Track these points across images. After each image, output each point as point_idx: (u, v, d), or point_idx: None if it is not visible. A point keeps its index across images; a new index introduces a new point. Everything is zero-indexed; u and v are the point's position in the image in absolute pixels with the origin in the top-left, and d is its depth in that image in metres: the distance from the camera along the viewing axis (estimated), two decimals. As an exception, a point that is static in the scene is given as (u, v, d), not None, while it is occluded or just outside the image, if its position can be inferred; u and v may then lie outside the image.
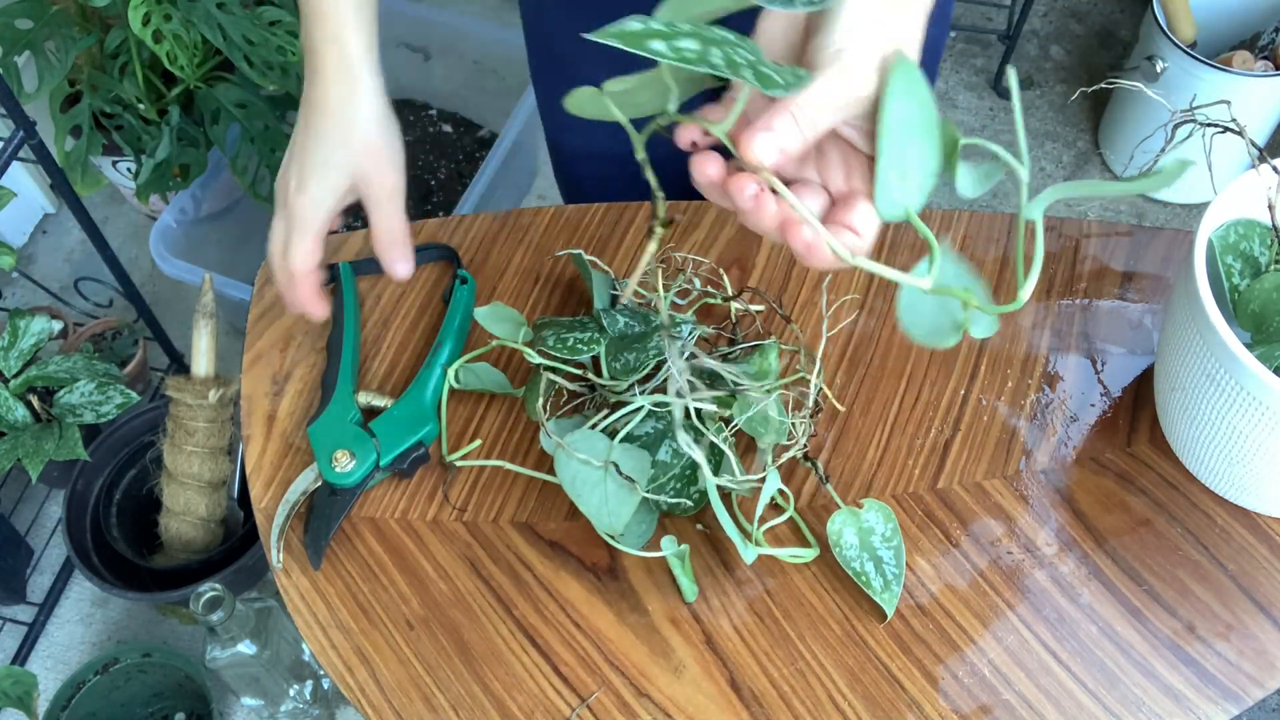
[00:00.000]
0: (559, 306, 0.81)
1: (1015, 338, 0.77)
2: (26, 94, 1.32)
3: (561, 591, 0.68)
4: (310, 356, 0.79)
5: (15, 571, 1.38)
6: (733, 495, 0.70)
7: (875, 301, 0.79)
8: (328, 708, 1.31)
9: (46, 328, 1.30)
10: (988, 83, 1.96)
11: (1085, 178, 1.85)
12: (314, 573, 0.69)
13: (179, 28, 1.29)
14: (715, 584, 0.68)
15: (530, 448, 0.74)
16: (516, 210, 0.85)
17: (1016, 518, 0.70)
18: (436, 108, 1.85)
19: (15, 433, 1.25)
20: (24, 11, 1.31)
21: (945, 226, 0.82)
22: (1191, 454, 0.70)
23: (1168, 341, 0.67)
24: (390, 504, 0.72)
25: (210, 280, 1.21)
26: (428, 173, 1.78)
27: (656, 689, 0.65)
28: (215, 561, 1.27)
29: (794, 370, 0.76)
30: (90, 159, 1.46)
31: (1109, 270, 0.80)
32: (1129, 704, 0.63)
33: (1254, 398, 0.60)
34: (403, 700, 0.65)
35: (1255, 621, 0.66)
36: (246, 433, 0.76)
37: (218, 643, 1.08)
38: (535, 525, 0.71)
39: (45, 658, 1.44)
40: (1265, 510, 0.69)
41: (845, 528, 0.66)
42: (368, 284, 0.82)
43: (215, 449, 1.26)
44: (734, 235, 0.83)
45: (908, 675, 0.64)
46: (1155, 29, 1.63)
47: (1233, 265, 0.66)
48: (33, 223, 1.81)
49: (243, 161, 1.46)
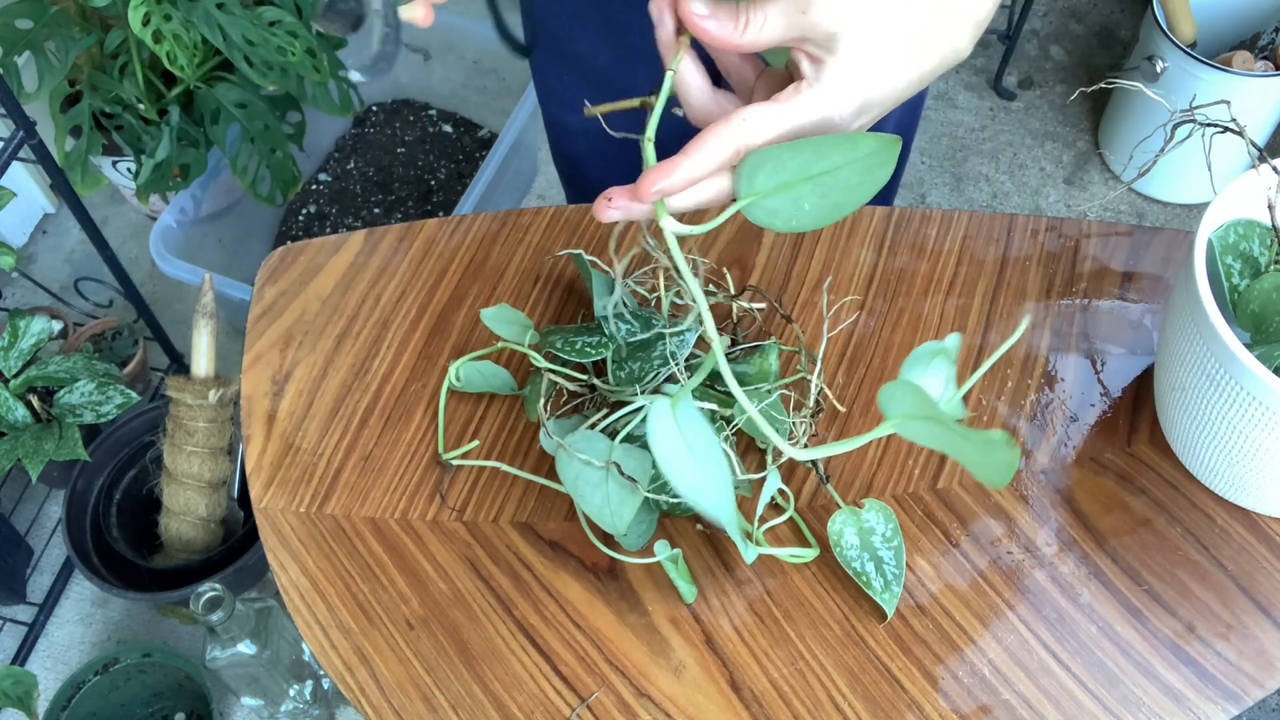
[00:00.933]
0: (559, 307, 0.81)
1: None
2: (26, 94, 1.32)
3: (561, 591, 0.68)
4: (310, 356, 0.79)
5: (15, 571, 1.38)
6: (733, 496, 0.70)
7: (875, 301, 0.80)
8: (328, 708, 1.31)
9: (46, 328, 1.30)
10: (988, 83, 1.96)
11: (1085, 178, 1.85)
12: (314, 572, 0.70)
13: (179, 28, 1.29)
14: (715, 584, 0.68)
15: (530, 448, 0.74)
16: (516, 210, 0.85)
17: (1016, 518, 0.70)
18: (436, 108, 1.85)
19: (15, 433, 1.25)
20: (24, 11, 1.31)
21: (945, 227, 0.83)
22: (1191, 454, 0.70)
23: (1168, 341, 0.67)
24: (390, 504, 0.72)
25: (210, 280, 1.21)
26: (428, 173, 1.78)
27: (656, 689, 0.65)
28: (215, 561, 1.28)
29: (794, 370, 0.76)
30: (90, 159, 1.46)
31: (1109, 270, 0.80)
32: (1129, 704, 0.63)
33: (1254, 398, 0.60)
34: (403, 700, 0.65)
35: (1255, 621, 0.66)
36: (246, 433, 0.76)
37: (218, 643, 1.08)
38: (535, 525, 0.71)
39: (45, 658, 1.44)
40: (1265, 510, 0.69)
41: (846, 527, 0.66)
42: (367, 284, 0.82)
43: (215, 449, 1.26)
44: (734, 235, 0.83)
45: (908, 675, 0.65)
46: (1155, 29, 1.63)
47: (1232, 265, 0.66)
48: (33, 223, 1.81)
49: (243, 161, 1.46)
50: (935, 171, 1.86)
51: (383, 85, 1.84)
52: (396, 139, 1.82)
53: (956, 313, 0.79)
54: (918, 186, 1.85)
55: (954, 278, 0.80)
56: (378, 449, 0.75)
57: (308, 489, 0.73)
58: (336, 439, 0.75)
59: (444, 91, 1.83)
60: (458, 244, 0.84)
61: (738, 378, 0.73)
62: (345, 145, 1.81)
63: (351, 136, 1.82)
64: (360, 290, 0.82)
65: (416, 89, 1.85)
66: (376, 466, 0.74)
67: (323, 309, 0.81)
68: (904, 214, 0.83)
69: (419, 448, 0.75)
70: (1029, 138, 1.90)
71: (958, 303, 0.79)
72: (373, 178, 1.78)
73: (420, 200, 1.75)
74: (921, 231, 0.83)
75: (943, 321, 0.78)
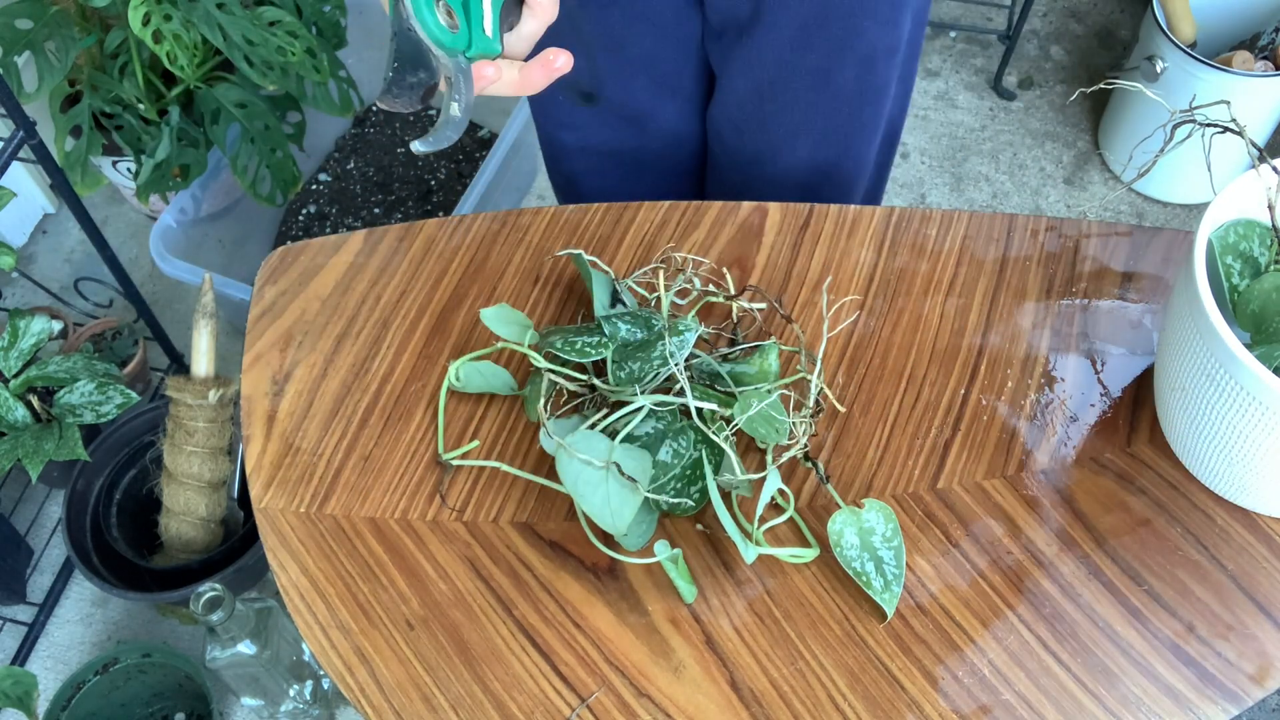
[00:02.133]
0: (559, 307, 0.81)
1: (1015, 338, 0.77)
2: (26, 94, 1.32)
3: (561, 591, 0.68)
4: (310, 356, 0.79)
5: (15, 571, 1.38)
6: (733, 495, 0.70)
7: (875, 302, 0.80)
8: (328, 708, 1.31)
9: (46, 328, 1.30)
10: (988, 83, 1.96)
11: (1085, 178, 1.85)
12: (314, 572, 0.69)
13: (179, 28, 1.29)
14: (715, 584, 0.68)
15: (530, 448, 0.74)
16: (516, 210, 0.85)
17: (1016, 518, 0.70)
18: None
19: (15, 433, 1.25)
20: (24, 11, 1.31)
21: (945, 227, 0.83)
22: (1191, 454, 0.70)
23: (1168, 341, 0.67)
24: (390, 504, 0.72)
25: (210, 280, 1.21)
26: (428, 173, 1.78)
27: (656, 689, 0.65)
28: (215, 561, 1.27)
29: (794, 370, 0.76)
30: (90, 159, 1.46)
31: (1109, 270, 0.80)
32: (1129, 704, 0.63)
33: (1254, 398, 0.60)
34: (403, 700, 0.65)
35: (1255, 621, 0.66)
36: (246, 433, 0.76)
37: (218, 643, 1.08)
38: (535, 525, 0.71)
39: (45, 658, 1.44)
40: (1265, 510, 0.69)
41: (846, 527, 0.66)
42: (367, 284, 0.82)
43: (215, 449, 1.26)
44: (734, 235, 0.83)
45: (908, 675, 0.65)
46: (1155, 29, 1.63)
47: (1232, 265, 0.66)
48: (33, 223, 1.81)
49: (243, 161, 1.46)
50: (935, 171, 1.86)
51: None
52: (396, 139, 1.82)
53: (956, 313, 0.79)
54: (918, 186, 1.85)
55: (954, 278, 0.80)
56: (378, 449, 0.75)
57: (308, 489, 0.73)
58: (336, 439, 0.75)
59: (444, 91, 1.83)
60: (458, 244, 0.84)
61: (737, 378, 0.73)
62: (345, 145, 1.81)
63: (351, 136, 1.82)
64: (360, 290, 0.82)
65: (416, 89, 1.84)
66: (376, 466, 0.74)
67: (323, 309, 0.81)
68: (904, 214, 0.83)
69: (419, 448, 0.75)
70: (1029, 138, 1.90)
71: (958, 303, 0.79)
72: (373, 178, 1.78)
73: (420, 200, 1.75)
74: (921, 231, 0.83)
75: (943, 321, 0.78)
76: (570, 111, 0.99)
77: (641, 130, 1.00)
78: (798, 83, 0.89)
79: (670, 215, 0.84)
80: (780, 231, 0.83)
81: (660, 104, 0.97)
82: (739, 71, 0.90)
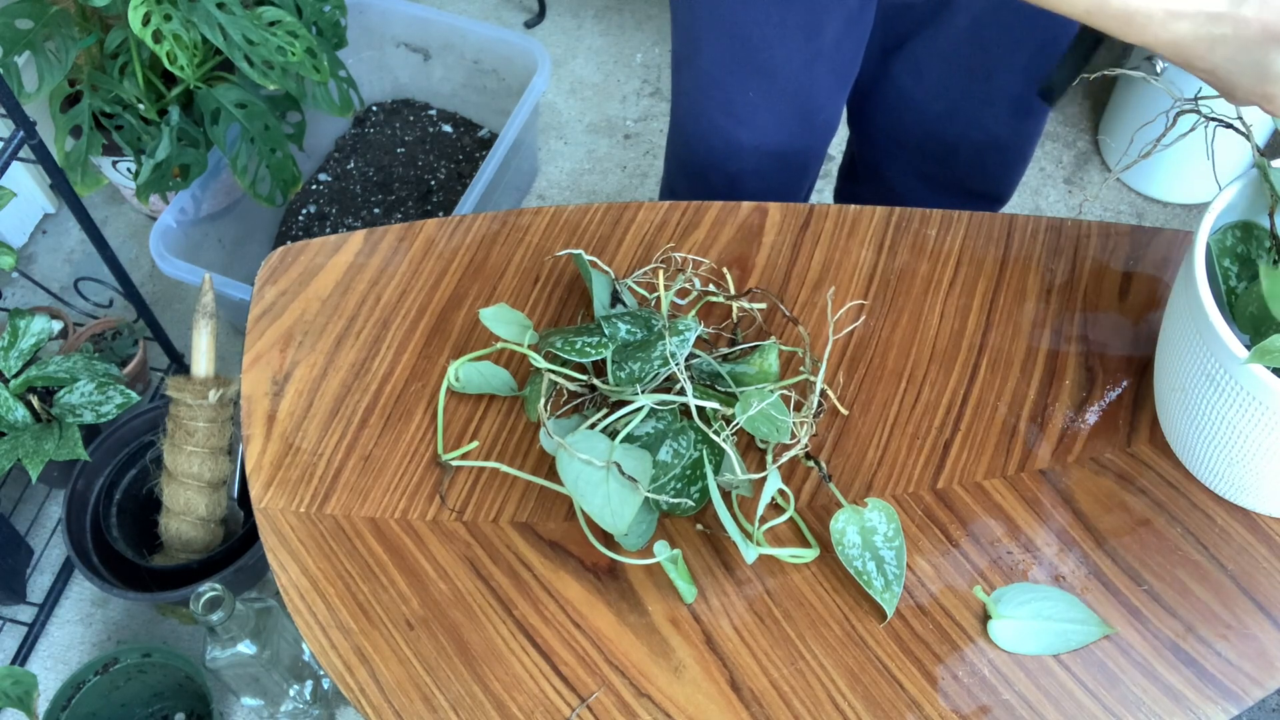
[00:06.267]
0: (559, 307, 0.81)
1: (1015, 337, 0.77)
2: (26, 94, 1.32)
3: (561, 591, 0.68)
4: (310, 356, 0.79)
5: (15, 571, 1.38)
6: (733, 495, 0.70)
7: (875, 301, 0.80)
8: (328, 708, 1.31)
9: (46, 328, 1.30)
10: (988, 83, 1.96)
11: (1085, 178, 1.85)
12: (314, 572, 0.69)
13: (179, 28, 1.29)
14: (715, 584, 0.68)
15: (530, 449, 0.74)
16: (516, 210, 0.85)
17: (1016, 518, 0.70)
18: (436, 108, 1.85)
19: (15, 433, 1.25)
20: (24, 11, 1.31)
21: (945, 227, 0.83)
22: (1191, 454, 0.70)
23: (1168, 342, 0.68)
24: (390, 504, 0.73)
25: (210, 280, 1.21)
26: (428, 173, 1.78)
27: (656, 689, 0.65)
28: (215, 561, 1.27)
29: (795, 371, 0.76)
30: (90, 159, 1.46)
31: (1109, 270, 0.80)
32: (1129, 704, 0.63)
33: (1253, 398, 0.60)
34: (403, 700, 0.65)
35: (1255, 621, 0.66)
36: (246, 433, 0.76)
37: (218, 643, 1.08)
38: (535, 525, 0.71)
39: (45, 658, 1.44)
40: (1265, 510, 0.69)
41: (848, 526, 0.66)
42: (367, 284, 0.82)
43: (215, 449, 1.26)
44: (734, 235, 0.83)
45: (908, 675, 0.65)
46: (1155, 29, 1.63)
47: (1230, 268, 0.66)
48: (33, 223, 1.81)
49: (243, 161, 1.46)
50: (935, 171, 1.86)
51: (383, 85, 1.84)
52: (396, 139, 1.81)
53: (956, 313, 0.79)
54: (918, 186, 1.85)
55: (954, 278, 0.80)
56: (378, 449, 0.75)
57: (308, 489, 0.73)
58: (336, 439, 0.75)
59: (444, 91, 1.83)
60: (458, 244, 0.84)
61: (738, 378, 0.73)
62: (345, 145, 1.81)
63: (351, 136, 1.82)
64: (360, 290, 0.82)
65: (416, 89, 1.84)
66: (376, 466, 0.74)
67: (323, 309, 0.81)
68: (904, 214, 0.83)
69: (419, 448, 0.75)
70: (1029, 138, 1.89)
71: (958, 303, 0.79)
72: (373, 178, 1.78)
73: (420, 200, 1.75)
74: (921, 231, 0.83)
75: (943, 321, 0.78)
76: (757, 105, 0.97)
77: (810, 128, 1.00)
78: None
79: (670, 215, 0.84)
80: (780, 231, 0.83)
81: (834, 97, 0.98)
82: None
